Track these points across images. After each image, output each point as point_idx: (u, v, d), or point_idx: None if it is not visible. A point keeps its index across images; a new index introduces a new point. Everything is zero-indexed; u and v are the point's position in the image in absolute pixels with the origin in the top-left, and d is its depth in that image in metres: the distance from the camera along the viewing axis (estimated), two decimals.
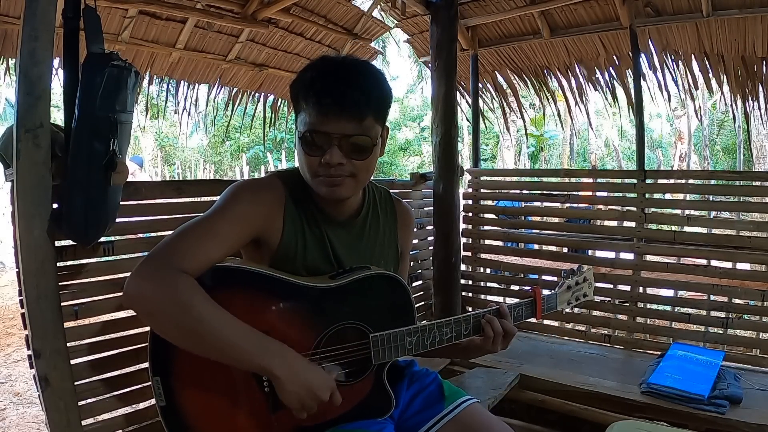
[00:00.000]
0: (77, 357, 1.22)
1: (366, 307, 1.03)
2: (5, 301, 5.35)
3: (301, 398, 0.90)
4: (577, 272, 1.32)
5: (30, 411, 2.98)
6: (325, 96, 0.95)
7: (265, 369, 0.89)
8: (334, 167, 0.98)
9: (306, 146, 0.99)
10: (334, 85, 0.96)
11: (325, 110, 0.95)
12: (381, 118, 1.03)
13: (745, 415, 1.76)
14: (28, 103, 1.05)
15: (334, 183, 1.00)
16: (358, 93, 0.96)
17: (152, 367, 0.96)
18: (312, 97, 0.96)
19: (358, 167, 1.00)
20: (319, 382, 0.92)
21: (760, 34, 2.39)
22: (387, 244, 1.19)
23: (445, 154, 2.56)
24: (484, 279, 2.93)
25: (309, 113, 0.97)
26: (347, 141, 0.97)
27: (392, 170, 20.04)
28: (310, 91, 0.96)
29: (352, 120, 0.96)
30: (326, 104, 0.95)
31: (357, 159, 1.00)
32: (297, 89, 1.01)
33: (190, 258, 0.91)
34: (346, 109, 0.95)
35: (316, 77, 0.97)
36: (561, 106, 3.45)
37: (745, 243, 2.30)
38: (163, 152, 19.09)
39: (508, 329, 1.12)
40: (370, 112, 0.98)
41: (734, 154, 15.77)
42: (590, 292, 1.35)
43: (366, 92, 0.97)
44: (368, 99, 0.97)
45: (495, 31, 3.06)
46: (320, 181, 1.00)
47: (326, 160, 0.97)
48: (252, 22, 2.80)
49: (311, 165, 1.00)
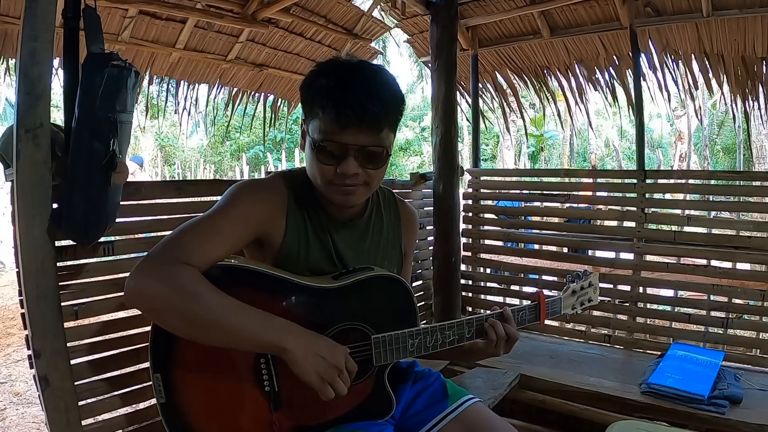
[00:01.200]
0: (77, 357, 1.22)
1: (368, 308, 1.03)
2: (5, 301, 5.35)
3: (317, 368, 0.89)
4: (582, 277, 1.29)
5: (30, 411, 2.98)
6: (345, 108, 0.93)
7: (276, 345, 0.88)
8: (349, 177, 0.98)
9: (321, 155, 0.98)
10: (355, 97, 0.94)
11: (344, 123, 0.94)
12: (395, 126, 1.04)
13: (745, 415, 1.76)
14: (28, 103, 1.05)
15: (347, 192, 1.01)
16: (378, 106, 0.95)
17: (153, 363, 0.95)
18: (331, 108, 0.94)
19: (371, 176, 1.01)
20: (332, 350, 0.92)
21: (760, 34, 2.39)
22: (391, 244, 1.19)
23: (445, 154, 2.57)
24: (484, 279, 2.93)
25: (325, 122, 0.96)
26: (363, 152, 0.98)
27: (392, 170, 19.99)
28: (329, 101, 0.95)
29: (371, 133, 0.97)
30: (346, 116, 0.94)
31: (371, 168, 1.00)
32: (312, 95, 0.99)
33: (192, 254, 0.91)
34: (365, 122, 0.95)
35: (335, 87, 0.96)
36: (561, 106, 3.45)
37: (745, 243, 2.30)
38: (163, 152, 19.08)
39: (512, 334, 1.12)
40: (387, 124, 0.99)
41: (734, 154, 15.77)
42: (595, 297, 1.32)
43: (385, 105, 0.97)
44: (387, 112, 0.98)
45: (495, 31, 3.06)
46: (333, 190, 1.01)
47: (342, 170, 0.97)
48: (252, 22, 2.80)
49: (324, 174, 0.99)
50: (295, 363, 0.88)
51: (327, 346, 0.92)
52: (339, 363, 0.91)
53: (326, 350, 0.91)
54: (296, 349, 0.88)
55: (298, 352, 0.88)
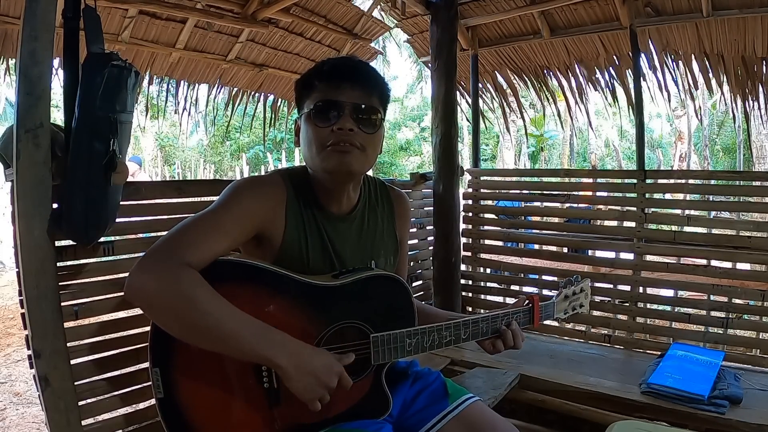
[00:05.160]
0: (77, 357, 1.22)
1: (367, 307, 1.04)
2: (5, 301, 5.35)
3: (308, 387, 0.90)
4: (574, 282, 1.35)
5: (30, 411, 2.98)
6: (339, 68, 1.05)
7: (269, 360, 0.89)
8: (346, 133, 1.01)
9: (317, 117, 1.03)
10: (345, 63, 1.07)
11: (337, 82, 1.03)
12: (383, 104, 1.10)
13: (745, 415, 1.75)
14: (28, 103, 1.05)
15: (344, 150, 1.02)
16: (368, 72, 1.07)
17: (152, 358, 0.95)
18: (326, 72, 1.04)
19: (366, 140, 1.04)
20: (325, 369, 0.92)
21: (760, 34, 2.40)
22: (386, 235, 1.20)
23: (445, 154, 2.57)
24: (484, 279, 2.92)
25: (321, 88, 1.04)
26: (358, 110, 1.03)
27: (392, 170, 20.03)
28: (323, 69, 1.05)
29: (363, 91, 1.04)
30: (338, 76, 1.03)
31: (366, 131, 1.04)
32: (308, 75, 1.08)
33: (193, 250, 0.91)
34: (357, 81, 1.04)
35: (328, 61, 1.08)
36: (561, 106, 3.45)
37: (745, 243, 2.30)
38: (163, 152, 19.08)
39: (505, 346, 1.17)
40: (377, 93, 1.07)
41: (734, 154, 15.77)
42: (586, 303, 1.39)
43: (374, 75, 1.08)
44: (376, 79, 1.07)
45: (495, 31, 3.06)
46: (329, 152, 1.02)
47: (339, 126, 1.01)
48: (252, 22, 2.80)
49: (320, 136, 1.02)
50: (288, 379, 0.89)
51: (321, 364, 0.92)
52: (331, 383, 0.92)
53: (320, 369, 0.91)
54: (289, 367, 0.88)
55: (291, 370, 0.89)
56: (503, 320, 1.17)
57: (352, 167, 1.04)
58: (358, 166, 1.05)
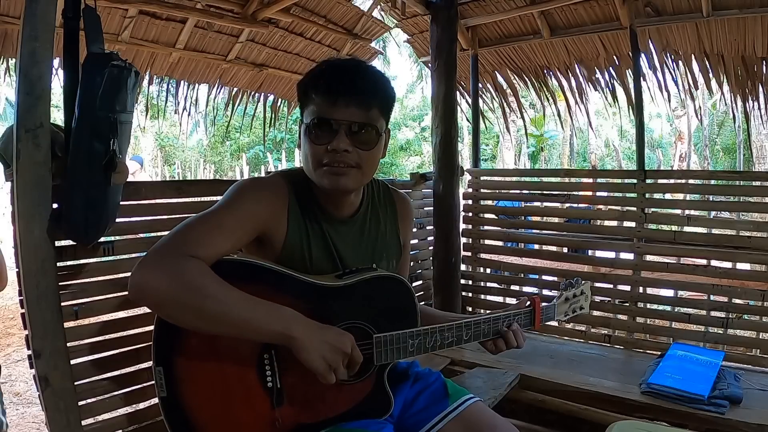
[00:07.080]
0: (77, 357, 1.22)
1: (371, 307, 1.04)
2: (5, 301, 5.34)
3: (324, 355, 0.90)
4: (575, 284, 1.36)
5: (30, 411, 2.99)
6: (334, 83, 0.99)
7: (283, 333, 0.89)
8: (341, 154, 0.99)
9: (313, 134, 1.01)
10: (344, 74, 1.01)
11: (334, 98, 0.98)
12: (386, 112, 1.06)
13: (745, 415, 1.75)
14: (28, 103, 1.05)
15: (339, 172, 1.00)
16: (366, 83, 1.01)
17: (155, 356, 0.95)
18: (322, 86, 0.99)
19: (363, 158, 1.02)
20: (339, 337, 0.93)
21: (760, 34, 2.39)
22: (389, 238, 1.20)
23: (445, 154, 2.57)
24: (484, 279, 2.92)
25: (317, 103, 1.00)
26: (354, 129, 0.99)
27: (392, 170, 20.02)
28: (320, 80, 1.00)
29: (360, 108, 0.99)
30: (335, 91, 0.98)
31: (363, 149, 1.01)
32: (306, 82, 1.04)
33: (198, 247, 0.91)
34: (354, 97, 0.99)
35: (326, 69, 1.02)
36: (561, 106, 3.45)
37: (745, 243, 2.30)
38: (163, 152, 19.08)
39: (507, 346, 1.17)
40: (377, 104, 1.02)
41: (734, 154, 15.77)
42: (586, 306, 1.39)
43: (374, 84, 1.03)
44: (375, 90, 1.02)
45: (495, 31, 3.06)
46: (324, 172, 1.01)
47: (333, 147, 0.98)
48: (252, 22, 2.80)
49: (316, 154, 1.01)
50: (302, 349, 0.89)
51: (334, 333, 0.93)
52: (346, 348, 0.92)
53: (333, 337, 0.92)
54: (303, 337, 0.89)
55: (306, 339, 0.89)
56: (505, 321, 1.17)
57: (347, 187, 1.04)
58: (353, 185, 1.05)
